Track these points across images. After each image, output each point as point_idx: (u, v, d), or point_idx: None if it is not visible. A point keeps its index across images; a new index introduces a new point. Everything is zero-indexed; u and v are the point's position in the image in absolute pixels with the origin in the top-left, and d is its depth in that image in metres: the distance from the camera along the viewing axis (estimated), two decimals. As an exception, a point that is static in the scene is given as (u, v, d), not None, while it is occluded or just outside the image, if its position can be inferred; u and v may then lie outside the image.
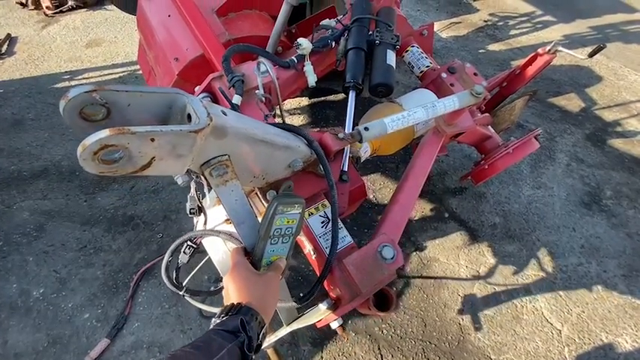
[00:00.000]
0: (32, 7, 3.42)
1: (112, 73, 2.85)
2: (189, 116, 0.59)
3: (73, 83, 2.75)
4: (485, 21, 3.81)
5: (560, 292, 1.79)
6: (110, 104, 0.54)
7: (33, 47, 3.04)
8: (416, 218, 2.05)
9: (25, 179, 2.12)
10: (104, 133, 0.48)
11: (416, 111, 1.04)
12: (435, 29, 3.61)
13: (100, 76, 2.83)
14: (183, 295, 0.98)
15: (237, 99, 1.06)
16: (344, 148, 1.09)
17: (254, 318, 0.62)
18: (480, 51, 3.42)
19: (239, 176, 0.74)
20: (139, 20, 1.42)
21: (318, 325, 1.04)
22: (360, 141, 0.97)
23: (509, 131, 2.48)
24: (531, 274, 1.85)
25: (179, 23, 1.26)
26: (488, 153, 1.49)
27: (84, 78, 2.79)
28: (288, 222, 0.72)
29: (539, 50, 1.61)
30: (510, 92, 1.83)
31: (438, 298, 1.75)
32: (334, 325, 1.01)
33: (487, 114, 1.34)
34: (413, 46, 1.57)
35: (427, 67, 1.52)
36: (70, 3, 3.41)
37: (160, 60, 1.30)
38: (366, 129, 0.97)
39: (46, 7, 3.36)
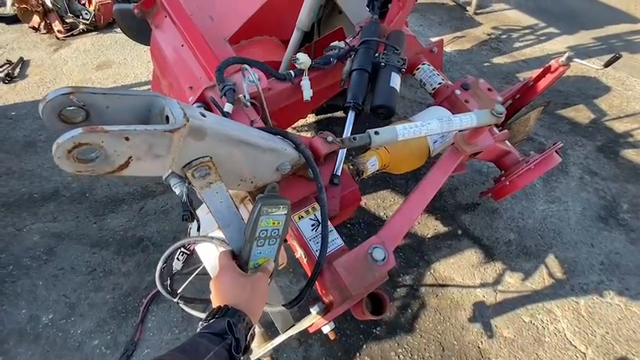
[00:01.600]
0: (44, 31, 3.52)
1: (121, 94, 2.89)
2: (167, 118, 0.60)
3: (83, 105, 2.79)
4: (488, 34, 3.84)
5: (583, 312, 1.73)
6: (88, 106, 0.55)
7: (45, 70, 3.11)
8: (429, 236, 2.01)
9: (36, 201, 2.13)
10: (77, 132, 0.49)
11: (430, 122, 1.01)
12: (439, 44, 3.65)
13: (110, 97, 2.87)
14: (178, 302, 0.97)
15: (228, 107, 1.08)
16: (337, 154, 1.09)
17: (241, 319, 0.62)
18: (485, 64, 3.43)
19: (226, 179, 0.75)
20: (153, 50, 1.45)
21: (310, 330, 1.01)
22: (369, 144, 0.96)
23: (521, 144, 2.46)
24: (551, 293, 1.79)
25: (192, 52, 1.27)
26: (507, 169, 1.46)
27: (94, 99, 2.83)
28: (273, 223, 0.72)
29: (553, 62, 1.60)
30: (524, 104, 1.82)
31: (455, 320, 1.69)
32: (326, 329, 0.98)
33: (506, 130, 1.32)
34: (424, 64, 1.57)
35: (439, 84, 1.51)
36: (81, 26, 3.50)
37: (174, 88, 1.32)
38: (377, 133, 0.96)
39: (58, 31, 3.45)
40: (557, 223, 2.09)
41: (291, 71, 1.27)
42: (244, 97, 1.10)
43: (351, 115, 1.26)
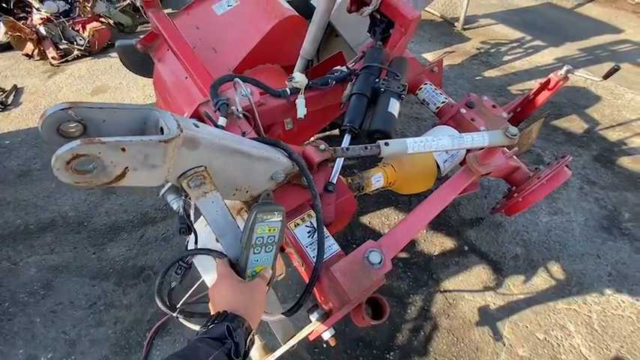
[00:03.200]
0: (38, 58, 3.51)
1: (118, 119, 2.87)
2: (162, 129, 0.62)
3: (79, 131, 2.76)
4: (477, 49, 3.94)
5: (596, 326, 1.71)
6: (86, 121, 0.57)
7: (39, 97, 3.08)
8: (435, 253, 1.99)
9: (32, 233, 2.07)
10: (75, 143, 0.51)
11: (441, 138, 1.01)
12: (430, 59, 3.73)
13: (107, 122, 2.85)
14: (177, 317, 0.95)
15: (222, 121, 1.09)
16: (334, 162, 1.10)
17: (240, 324, 0.62)
18: (477, 78, 3.50)
19: (221, 189, 0.77)
20: (156, 82, 1.44)
21: (311, 338, 0.99)
22: (379, 154, 0.97)
23: (522, 155, 2.49)
24: (562, 307, 1.78)
25: (195, 83, 1.27)
26: (518, 184, 1.46)
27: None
28: (269, 230, 0.73)
29: (552, 75, 1.64)
30: (524, 117, 1.85)
31: (469, 341, 1.66)
32: (326, 335, 0.97)
33: (515, 148, 1.33)
34: (426, 84, 1.59)
35: (443, 102, 1.53)
36: (75, 52, 3.50)
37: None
38: (387, 144, 0.96)
39: (52, 57, 3.44)
40: (561, 235, 2.10)
41: (287, 89, 1.28)
42: (237, 109, 1.11)
43: (346, 139, 1.27)
